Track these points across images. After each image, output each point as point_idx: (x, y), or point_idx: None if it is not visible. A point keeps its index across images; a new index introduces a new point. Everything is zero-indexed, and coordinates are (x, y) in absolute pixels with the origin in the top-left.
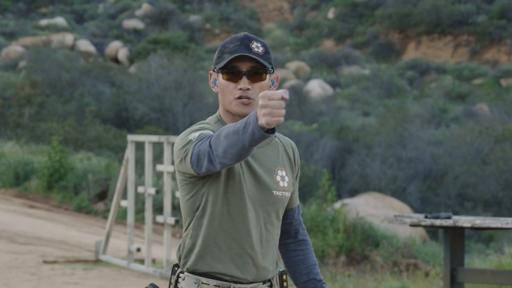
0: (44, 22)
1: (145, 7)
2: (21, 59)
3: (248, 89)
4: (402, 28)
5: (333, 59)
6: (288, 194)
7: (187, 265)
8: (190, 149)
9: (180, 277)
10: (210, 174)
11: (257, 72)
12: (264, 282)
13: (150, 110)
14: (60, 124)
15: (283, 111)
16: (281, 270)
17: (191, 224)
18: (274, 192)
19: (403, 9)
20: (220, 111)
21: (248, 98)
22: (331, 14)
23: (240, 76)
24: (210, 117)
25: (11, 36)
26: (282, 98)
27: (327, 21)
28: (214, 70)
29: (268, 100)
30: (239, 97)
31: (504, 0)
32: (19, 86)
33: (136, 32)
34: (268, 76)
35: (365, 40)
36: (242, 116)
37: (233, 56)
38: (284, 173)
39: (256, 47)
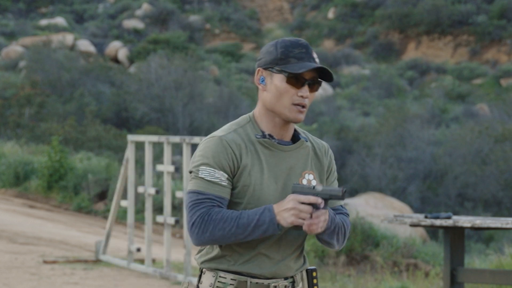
0: (44, 22)
1: (145, 7)
2: (21, 59)
3: (307, 97)
4: (402, 28)
5: (333, 59)
6: None
7: (206, 265)
8: (190, 184)
9: (202, 271)
10: (230, 178)
11: (316, 83)
12: (286, 278)
13: (150, 110)
14: (60, 124)
15: (322, 224)
16: (311, 267)
17: None
18: None
19: (403, 9)
20: (259, 110)
21: (304, 106)
22: (331, 14)
23: (303, 84)
24: (242, 117)
25: (11, 36)
26: (315, 206)
27: (327, 21)
28: (268, 69)
29: (298, 203)
30: (298, 104)
31: (504, 0)
32: (19, 86)
33: (136, 32)
34: None
35: (365, 40)
36: (291, 121)
37: (314, 67)
38: (311, 176)
39: (316, 57)
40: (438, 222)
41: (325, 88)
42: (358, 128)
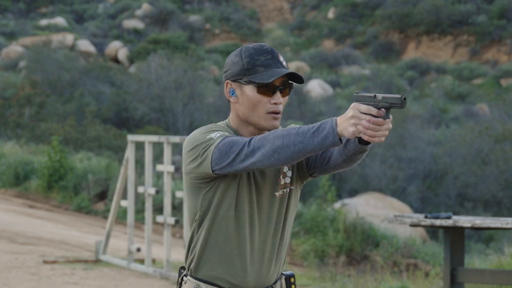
0: (44, 22)
1: (145, 7)
2: (21, 59)
3: (280, 103)
4: (402, 28)
5: (333, 59)
6: (292, 186)
7: (191, 267)
8: (214, 144)
9: (183, 280)
10: (224, 176)
11: (287, 87)
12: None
13: (150, 110)
14: (60, 124)
15: (383, 132)
16: (288, 273)
17: (196, 226)
18: (276, 193)
19: (403, 9)
20: (233, 120)
21: (279, 112)
22: (331, 14)
23: (274, 91)
24: (219, 122)
25: (11, 36)
26: (379, 115)
27: (327, 21)
28: (237, 81)
29: (359, 112)
30: (272, 112)
31: (504, 0)
32: (19, 86)
33: (136, 32)
34: None
35: (365, 40)
36: (268, 129)
37: (282, 74)
38: (286, 168)
39: (283, 60)
40: (438, 222)
41: (325, 88)
42: None
